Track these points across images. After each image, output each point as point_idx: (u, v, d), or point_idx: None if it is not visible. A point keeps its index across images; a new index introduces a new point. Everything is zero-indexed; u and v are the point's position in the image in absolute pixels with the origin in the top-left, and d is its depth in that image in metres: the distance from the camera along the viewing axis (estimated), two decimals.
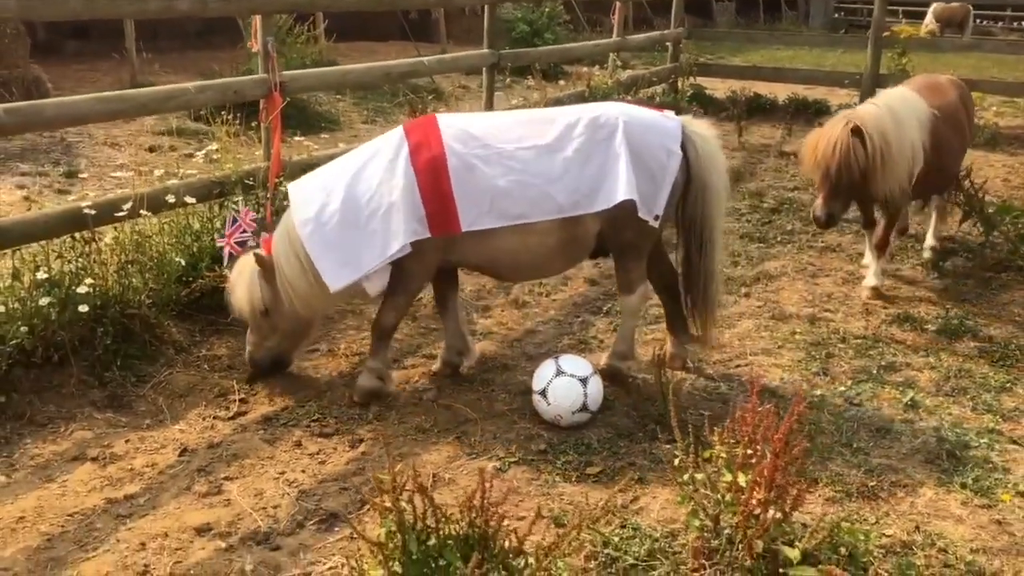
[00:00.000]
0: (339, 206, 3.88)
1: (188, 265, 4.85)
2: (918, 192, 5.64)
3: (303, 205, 3.96)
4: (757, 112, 11.31)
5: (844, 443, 3.84)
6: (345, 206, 3.88)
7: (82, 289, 4.23)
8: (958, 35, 19.89)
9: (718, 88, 12.26)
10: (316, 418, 4.02)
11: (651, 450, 3.76)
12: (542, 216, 3.94)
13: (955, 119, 5.70)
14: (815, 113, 11.08)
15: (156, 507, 3.36)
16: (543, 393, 3.92)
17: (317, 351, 4.73)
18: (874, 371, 4.56)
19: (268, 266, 4.05)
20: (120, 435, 3.87)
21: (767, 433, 2.81)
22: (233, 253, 4.45)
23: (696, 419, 3.77)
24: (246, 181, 5.28)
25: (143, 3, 5.22)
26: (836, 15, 28.42)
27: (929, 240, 6.36)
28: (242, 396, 4.19)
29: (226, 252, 4.52)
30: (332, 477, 3.56)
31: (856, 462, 3.69)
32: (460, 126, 4.02)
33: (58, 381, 4.15)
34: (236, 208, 4.84)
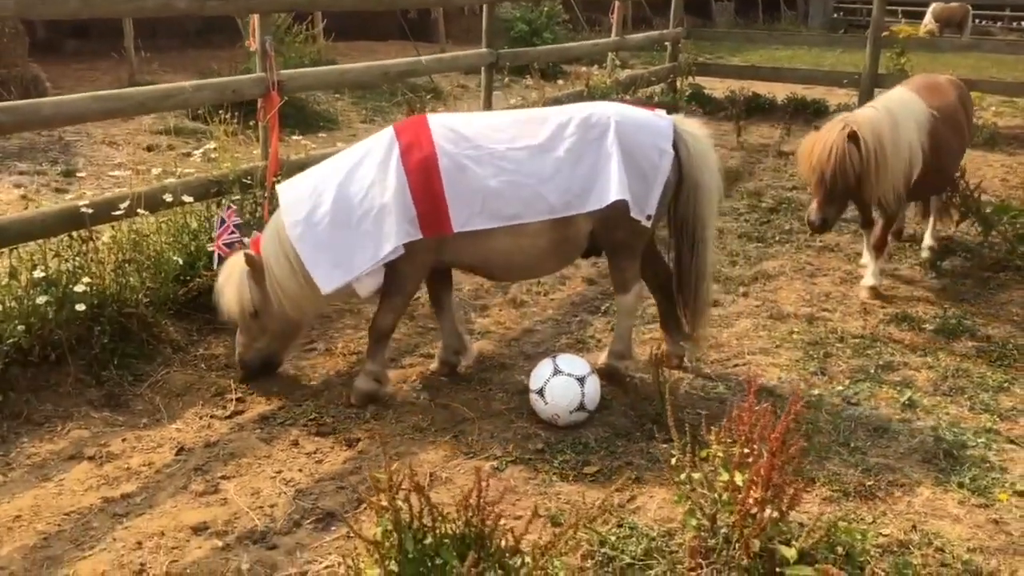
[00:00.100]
0: (330, 207, 3.85)
1: (186, 264, 4.84)
2: (917, 193, 5.63)
3: (293, 206, 3.92)
4: (756, 112, 11.31)
5: (842, 442, 3.84)
6: (336, 207, 3.86)
7: (79, 288, 4.23)
8: (957, 35, 19.89)
9: (717, 88, 12.26)
10: (313, 417, 4.01)
11: (648, 449, 3.76)
12: (534, 217, 3.92)
13: (954, 119, 5.68)
14: (814, 113, 11.10)
15: (153, 506, 3.35)
16: (540, 392, 3.92)
17: (314, 350, 4.73)
18: (872, 370, 4.56)
19: (258, 266, 4.01)
20: (117, 434, 3.87)
21: (764, 432, 2.81)
22: (221, 255, 4.40)
23: (693, 418, 3.77)
24: (244, 180, 5.28)
25: (141, 1, 5.21)
26: (835, 15, 28.44)
27: (927, 240, 6.35)
28: (239, 395, 4.19)
29: (216, 254, 4.49)
30: (329, 476, 3.56)
31: (853, 461, 3.69)
32: (451, 126, 3.99)
33: (55, 380, 4.15)
34: (226, 208, 4.79)
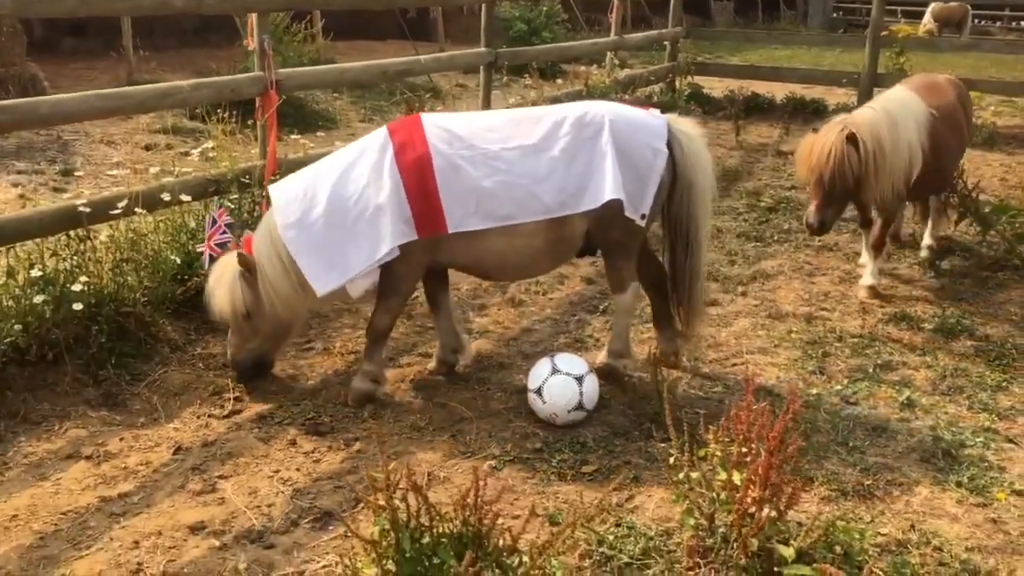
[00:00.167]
0: (325, 208, 3.83)
1: (183, 263, 4.83)
2: (917, 193, 5.61)
3: (287, 207, 3.89)
4: (755, 111, 11.31)
5: (840, 442, 3.83)
6: (331, 208, 3.83)
7: (77, 287, 4.22)
8: (956, 35, 19.90)
9: (716, 87, 12.27)
10: (311, 416, 4.01)
11: (646, 449, 3.75)
12: (529, 217, 3.91)
13: (953, 119, 5.67)
14: (813, 112, 11.11)
15: (150, 505, 3.35)
16: (539, 391, 3.91)
17: (312, 350, 4.73)
18: (870, 370, 4.56)
19: (252, 266, 3.97)
20: (114, 433, 3.86)
21: (762, 431, 2.81)
22: (213, 255, 4.34)
23: (691, 418, 3.77)
24: (242, 179, 5.28)
25: (138, 0, 5.21)
26: (834, 15, 28.46)
27: (926, 239, 6.34)
28: (237, 394, 4.18)
29: (206, 254, 4.44)
30: (327, 475, 3.56)
31: (852, 461, 3.68)
32: (445, 126, 3.97)
33: (52, 379, 4.14)
34: (217, 208, 4.75)
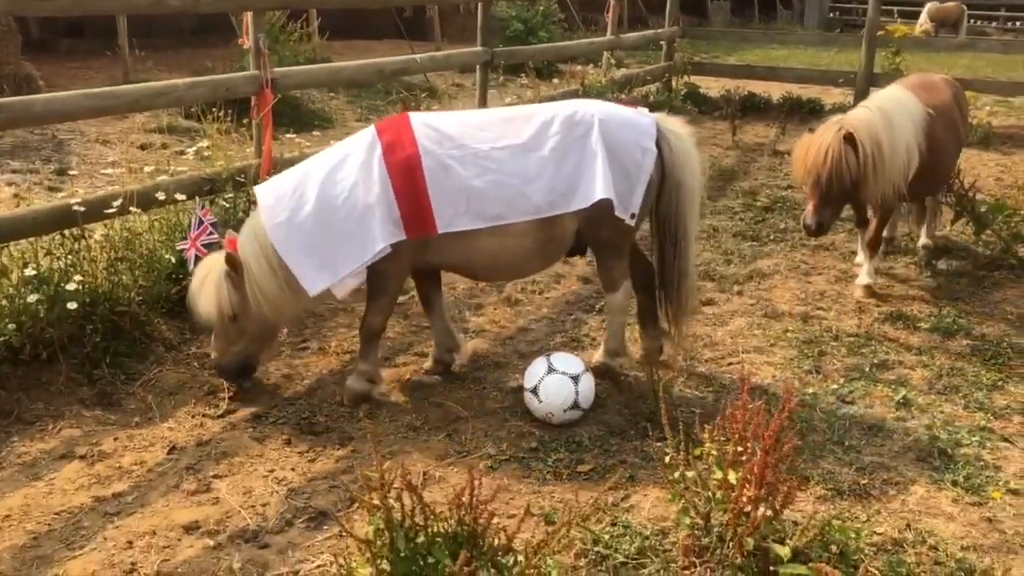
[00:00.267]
0: (313, 208, 3.79)
1: (178, 262, 4.80)
2: (914, 193, 5.57)
3: (274, 207, 3.85)
4: (751, 111, 11.30)
5: (836, 441, 3.83)
6: (319, 208, 3.79)
7: (71, 286, 4.21)
8: (952, 35, 19.92)
9: (712, 87, 12.27)
10: (306, 416, 4.00)
11: (642, 448, 3.74)
12: (519, 217, 3.89)
13: (949, 118, 5.66)
14: (809, 112, 11.11)
15: (144, 505, 3.34)
16: (535, 391, 3.90)
17: (307, 349, 4.72)
18: (867, 369, 4.55)
19: (240, 266, 3.90)
20: (109, 433, 3.85)
21: (757, 430, 2.81)
22: (200, 256, 4.26)
23: (687, 417, 3.77)
24: (237, 178, 5.26)
25: None
26: (831, 14, 28.46)
27: (922, 239, 6.34)
28: (231, 394, 4.16)
29: (191, 255, 4.36)
30: (322, 475, 3.55)
31: (848, 460, 3.68)
32: (433, 126, 3.94)
33: (46, 379, 4.13)
34: (200, 207, 4.66)
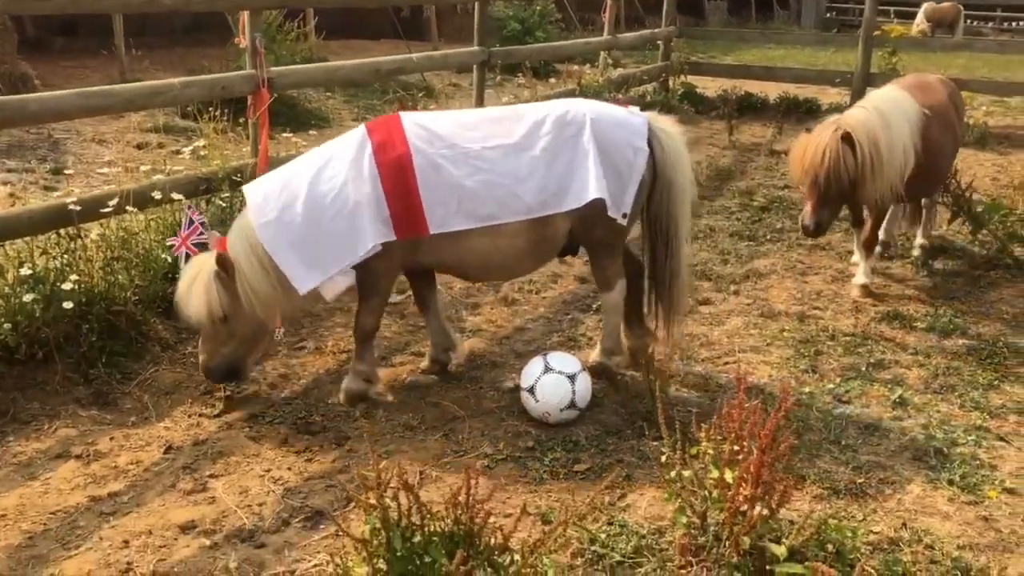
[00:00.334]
0: (302, 206, 3.77)
1: (174, 262, 4.79)
2: (911, 193, 5.55)
3: (263, 206, 3.82)
4: (748, 111, 11.33)
5: (832, 440, 3.83)
6: (308, 206, 3.77)
7: (67, 286, 4.20)
8: (949, 35, 19.95)
9: (709, 87, 12.28)
10: (302, 415, 3.99)
11: (639, 447, 3.75)
12: (511, 217, 3.88)
13: (945, 118, 5.65)
14: (806, 112, 11.12)
15: (140, 505, 3.33)
16: (531, 390, 3.90)
17: (304, 349, 4.71)
18: (863, 368, 4.56)
19: (231, 266, 3.83)
20: (105, 432, 3.84)
21: (754, 430, 2.81)
22: (191, 255, 4.20)
23: (684, 416, 3.77)
24: (233, 177, 5.26)
25: None
26: (828, 15, 28.49)
27: (919, 239, 6.35)
28: (228, 393, 4.16)
29: (183, 255, 4.33)
30: (318, 475, 3.54)
31: (844, 459, 3.68)
32: (424, 125, 3.93)
33: (42, 378, 4.12)
34: (188, 208, 4.63)
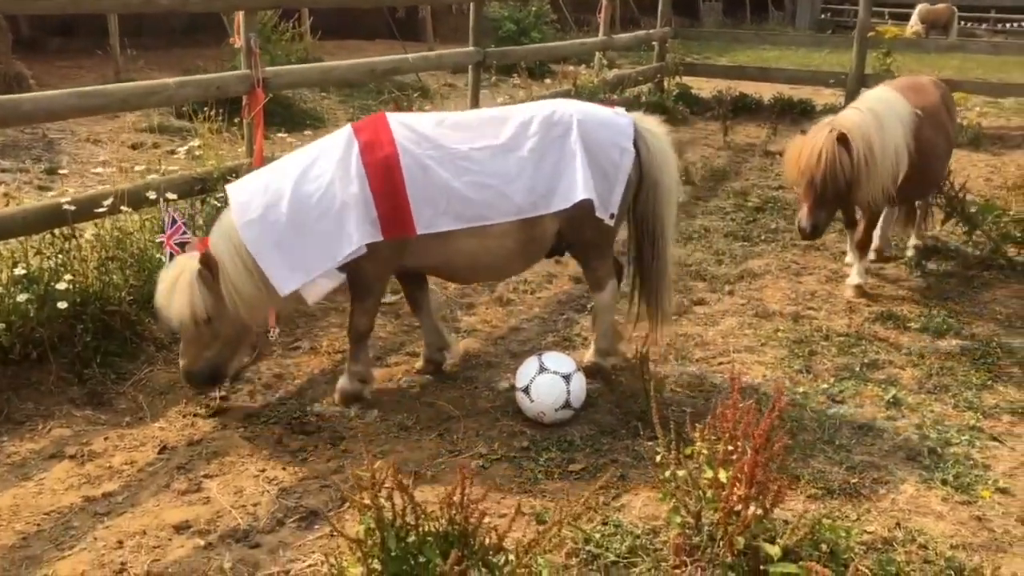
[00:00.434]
0: (287, 206, 3.73)
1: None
2: (905, 195, 5.55)
3: (246, 205, 3.77)
4: (743, 112, 11.35)
5: (826, 440, 3.84)
6: (293, 206, 3.73)
7: (61, 285, 4.20)
8: (943, 36, 20.00)
9: (704, 88, 12.30)
10: (297, 416, 3.99)
11: (633, 447, 3.75)
12: (500, 218, 3.88)
13: (938, 120, 5.65)
14: (800, 113, 11.16)
15: (135, 505, 3.33)
16: (526, 390, 3.91)
17: (299, 348, 4.71)
18: (857, 369, 4.57)
19: (215, 267, 3.77)
20: (99, 432, 3.84)
21: (748, 429, 2.81)
22: (174, 255, 4.13)
23: (678, 416, 3.78)
24: (228, 177, 5.24)
25: None
26: (822, 16, 28.56)
27: (912, 239, 6.36)
28: (223, 394, 4.15)
29: (167, 254, 4.26)
30: (313, 475, 3.54)
31: (838, 459, 3.69)
32: (411, 126, 3.92)
33: (36, 378, 4.11)
34: (165, 208, 4.57)
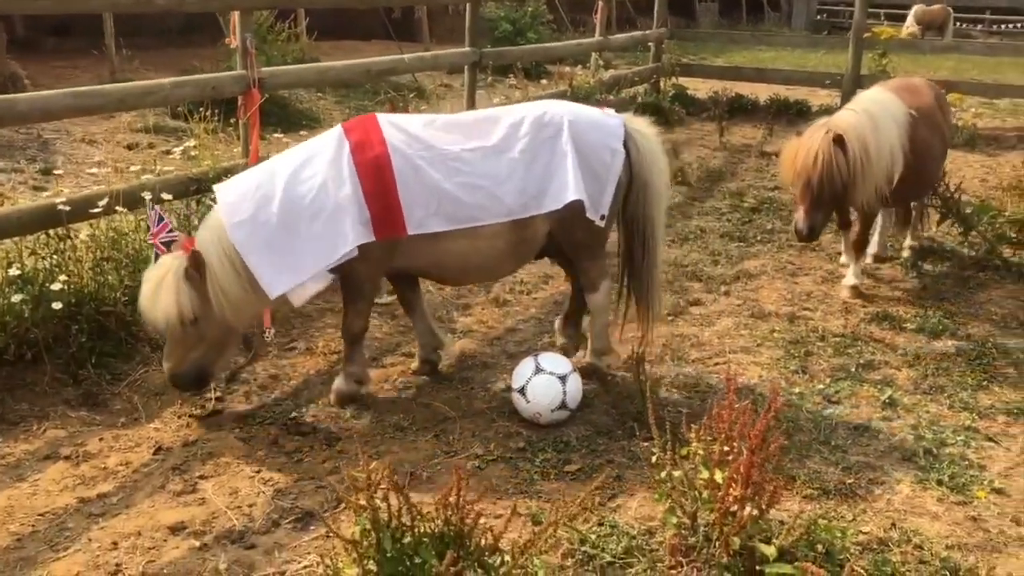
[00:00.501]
0: (278, 207, 3.70)
1: None
2: (900, 196, 5.54)
3: (236, 206, 3.74)
4: (739, 112, 11.35)
5: (822, 440, 3.85)
6: (285, 208, 3.71)
7: (56, 286, 4.19)
8: (938, 37, 20.03)
9: (700, 88, 12.31)
10: (293, 416, 3.99)
11: (629, 448, 3.75)
12: (491, 219, 3.87)
13: (932, 121, 5.65)
14: (796, 114, 11.17)
15: (129, 506, 3.32)
16: (522, 391, 3.90)
17: (295, 349, 4.70)
18: (852, 369, 4.57)
19: (203, 266, 3.72)
20: (94, 433, 3.83)
21: (744, 430, 2.81)
22: (160, 254, 4.02)
23: (674, 416, 3.79)
24: (223, 178, 5.22)
25: None
26: (818, 16, 28.59)
27: (908, 240, 6.37)
28: (218, 394, 4.15)
29: (154, 252, 4.16)
30: (308, 475, 3.53)
31: (834, 460, 3.69)
32: (402, 127, 3.91)
33: (31, 379, 4.11)
34: (151, 207, 4.42)
